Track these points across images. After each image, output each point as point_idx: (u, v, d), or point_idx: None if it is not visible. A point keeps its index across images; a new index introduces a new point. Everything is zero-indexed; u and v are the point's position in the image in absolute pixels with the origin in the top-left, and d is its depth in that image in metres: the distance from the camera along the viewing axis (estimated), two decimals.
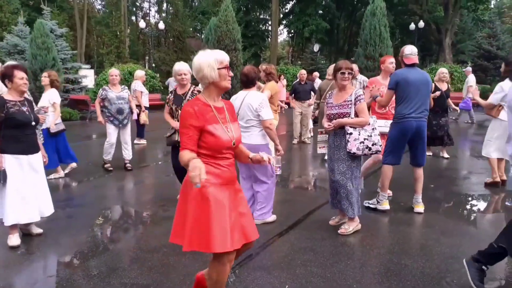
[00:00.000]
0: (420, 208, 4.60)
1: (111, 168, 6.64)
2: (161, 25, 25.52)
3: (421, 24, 25.06)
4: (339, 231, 3.97)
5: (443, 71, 7.36)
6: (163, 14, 36.39)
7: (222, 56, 2.32)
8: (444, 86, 7.21)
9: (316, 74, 15.31)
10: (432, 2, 26.78)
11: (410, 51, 4.45)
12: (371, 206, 4.70)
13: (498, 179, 5.61)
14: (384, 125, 4.78)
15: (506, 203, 5.11)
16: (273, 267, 3.25)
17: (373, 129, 3.91)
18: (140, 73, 9.21)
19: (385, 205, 4.65)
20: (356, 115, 3.85)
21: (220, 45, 14.20)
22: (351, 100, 3.84)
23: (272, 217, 4.28)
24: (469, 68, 14.20)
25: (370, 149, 3.86)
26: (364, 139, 3.83)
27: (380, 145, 3.94)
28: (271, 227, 4.13)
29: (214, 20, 15.63)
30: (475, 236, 3.96)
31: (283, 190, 5.74)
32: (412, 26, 25.01)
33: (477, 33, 29.98)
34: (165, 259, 3.42)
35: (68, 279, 3.12)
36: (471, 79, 13.00)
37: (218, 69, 2.28)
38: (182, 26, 26.81)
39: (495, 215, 4.75)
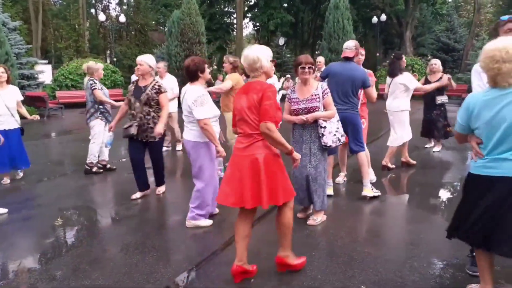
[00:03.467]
0: (367, 191, 4.74)
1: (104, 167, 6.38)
2: (122, 18, 24.81)
3: (383, 17, 25.64)
4: (308, 222, 4.01)
5: (433, 62, 7.17)
6: (124, 7, 35.40)
7: (271, 52, 2.93)
8: (435, 78, 6.98)
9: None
10: None
11: (346, 45, 4.68)
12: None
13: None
14: None
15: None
16: None
17: (337, 121, 3.97)
18: None
19: (329, 191, 4.75)
20: (324, 108, 3.87)
21: (184, 38, 14.00)
22: (318, 94, 3.85)
23: (206, 222, 4.03)
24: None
25: (340, 140, 3.94)
26: (335, 131, 3.90)
27: (344, 136, 4.03)
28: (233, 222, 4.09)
29: (177, 13, 15.36)
30: (435, 222, 4.09)
31: None
32: (375, 19, 25.52)
33: (436, 26, 31.02)
34: (128, 258, 3.33)
35: (26, 283, 2.97)
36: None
37: (270, 61, 2.89)
38: (144, 19, 26.16)
39: (455, 202, 4.93)
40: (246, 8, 34.93)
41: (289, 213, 2.95)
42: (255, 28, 38.95)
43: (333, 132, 3.86)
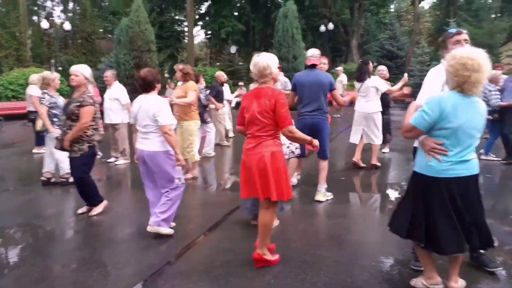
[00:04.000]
0: (320, 197, 4.87)
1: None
2: (67, 26, 23.84)
3: (331, 26, 26.45)
4: None
5: (380, 68, 7.43)
6: (70, 14, 34.07)
7: (277, 59, 3.22)
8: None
9: (341, 69, 15.47)
10: (339, 5, 28.42)
11: (311, 53, 4.81)
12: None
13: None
14: None
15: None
16: (192, 272, 3.18)
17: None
18: (35, 77, 8.44)
19: None
20: None
21: (133, 46, 13.71)
22: None
23: (168, 230, 3.91)
24: (340, 68, 15.65)
25: (293, 152, 3.98)
26: (290, 143, 3.91)
27: (297, 148, 4.09)
28: (190, 231, 4.05)
29: (126, 21, 15.02)
30: (383, 222, 4.25)
31: (204, 193, 5.69)
32: (322, 28, 26.29)
33: (380, 34, 32.42)
34: (74, 275, 3.18)
35: None
36: (344, 78, 14.57)
37: (278, 68, 3.20)
38: (91, 27, 25.28)
39: None
40: (197, 16, 34.81)
41: (272, 213, 3.23)
42: (207, 36, 38.85)
43: (286, 144, 3.88)
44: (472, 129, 2.48)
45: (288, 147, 3.92)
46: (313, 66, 4.76)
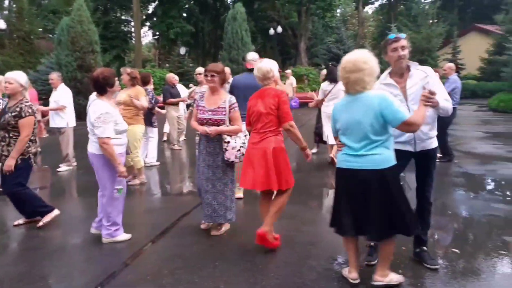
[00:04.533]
0: (239, 194, 4.98)
1: None
2: (3, 25, 22.34)
3: (279, 29, 26.90)
4: (212, 233, 3.96)
5: (324, 72, 7.58)
6: (5, 12, 31.96)
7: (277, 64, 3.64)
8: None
9: (290, 72, 15.60)
10: (287, 8, 28.93)
11: (251, 57, 4.86)
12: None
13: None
14: None
15: None
16: (138, 282, 3.07)
17: (245, 136, 3.96)
18: None
19: (239, 194, 5.00)
20: (230, 122, 3.86)
21: (75, 47, 13.10)
22: (225, 107, 3.82)
23: (124, 236, 3.86)
24: (289, 71, 16.13)
25: (243, 155, 3.94)
26: (240, 146, 3.87)
27: None
28: (137, 239, 3.91)
29: (67, 20, 14.33)
30: (324, 222, 4.34)
31: (152, 199, 5.54)
32: (271, 31, 26.65)
33: (327, 38, 33.38)
34: None
35: None
36: (293, 80, 15.08)
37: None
38: (29, 26, 23.85)
39: None
40: (144, 17, 33.99)
41: (286, 197, 3.60)
42: (155, 37, 38.05)
43: (237, 147, 3.83)
44: (364, 125, 2.66)
45: (239, 150, 3.89)
46: (253, 69, 4.76)
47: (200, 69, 7.99)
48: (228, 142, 3.79)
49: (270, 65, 3.57)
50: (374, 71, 2.70)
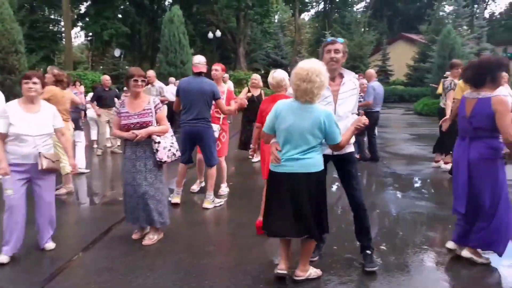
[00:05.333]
0: (207, 204, 4.85)
1: None
2: None
3: (218, 33, 26.83)
4: (143, 243, 3.80)
5: (253, 77, 7.48)
6: None
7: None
8: (256, 92, 7.28)
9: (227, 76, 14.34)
10: (226, 13, 28.99)
11: (198, 60, 4.78)
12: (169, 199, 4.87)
13: None
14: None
15: None
16: None
17: (172, 135, 3.93)
18: None
19: (176, 199, 4.92)
20: (157, 123, 3.80)
21: None
22: (150, 109, 3.75)
23: (50, 245, 3.71)
24: (227, 75, 16.33)
25: (175, 155, 3.89)
26: (170, 146, 3.84)
27: (178, 150, 4.00)
28: (63, 251, 3.65)
29: None
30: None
31: (80, 209, 5.22)
32: (210, 35, 26.52)
33: (266, 43, 33.96)
34: None
35: None
36: (231, 85, 15.35)
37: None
38: None
39: None
40: (75, 16, 32.28)
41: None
42: (88, 38, 36.28)
43: (167, 147, 3.80)
44: (306, 132, 2.77)
45: (169, 149, 3.81)
46: (200, 73, 4.71)
47: (151, 72, 7.84)
48: (159, 142, 3.74)
49: (283, 75, 4.12)
50: (324, 85, 2.78)
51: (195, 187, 5.61)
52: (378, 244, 3.75)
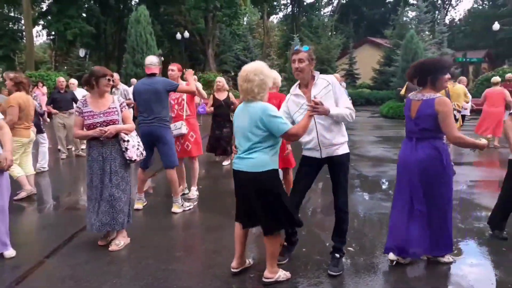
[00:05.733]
0: (176, 208, 4.78)
1: None
2: None
3: (186, 34, 26.61)
4: (109, 249, 3.70)
5: (218, 80, 7.34)
6: None
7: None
8: (223, 95, 7.16)
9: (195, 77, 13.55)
10: (194, 14, 28.75)
11: (149, 61, 4.72)
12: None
13: None
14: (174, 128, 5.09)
15: None
16: None
17: (136, 135, 3.90)
18: None
19: (138, 205, 4.87)
20: (123, 122, 3.76)
21: None
22: (116, 107, 3.71)
23: (10, 252, 3.57)
24: (195, 77, 16.21)
25: (142, 154, 3.89)
26: (138, 144, 3.82)
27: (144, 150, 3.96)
28: (24, 259, 3.50)
29: None
30: (229, 227, 4.34)
31: (41, 214, 5.01)
32: (178, 36, 26.25)
33: (235, 45, 33.95)
34: None
35: None
36: (199, 86, 15.16)
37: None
38: None
39: None
40: (36, 14, 31.09)
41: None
42: (50, 37, 35.04)
43: (136, 145, 3.77)
44: (246, 131, 2.89)
45: (138, 148, 3.76)
46: (152, 74, 4.64)
47: (115, 75, 7.69)
48: (128, 141, 3.71)
49: (275, 75, 4.25)
50: (264, 83, 2.88)
51: (192, 194, 5.49)
52: (347, 245, 3.80)
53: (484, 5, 43.50)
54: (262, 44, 37.53)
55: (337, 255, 3.28)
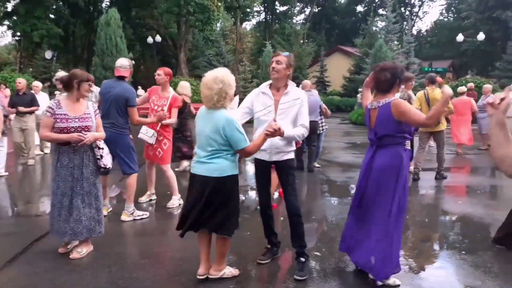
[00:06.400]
0: (124, 216, 4.62)
1: None
2: None
3: (158, 38, 26.33)
4: (71, 256, 3.57)
5: (182, 84, 7.20)
6: None
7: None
8: (185, 100, 7.00)
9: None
10: (166, 18, 28.49)
11: (120, 63, 4.64)
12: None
13: None
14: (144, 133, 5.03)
15: None
16: None
17: (103, 142, 3.79)
18: None
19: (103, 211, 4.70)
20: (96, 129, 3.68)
21: None
22: (90, 113, 3.61)
23: None
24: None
25: (112, 162, 3.84)
26: (109, 152, 3.77)
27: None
28: None
29: None
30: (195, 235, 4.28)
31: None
32: (150, 39, 25.95)
33: (208, 51, 33.83)
34: None
35: None
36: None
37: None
38: None
39: None
40: (1, 14, 30.02)
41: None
42: (16, 38, 33.88)
43: (109, 153, 3.74)
44: (208, 137, 2.93)
45: (110, 156, 3.71)
46: (121, 77, 4.54)
47: (61, 73, 7.35)
48: (103, 148, 3.66)
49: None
50: (225, 92, 2.90)
51: (143, 198, 5.38)
52: (313, 250, 3.83)
53: (449, 17, 45.30)
54: (235, 50, 37.57)
55: (302, 259, 3.30)
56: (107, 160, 3.65)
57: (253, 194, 5.96)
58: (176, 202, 5.23)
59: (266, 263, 3.45)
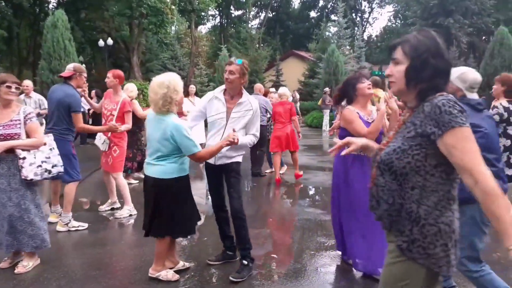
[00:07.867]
0: (59, 226, 4.44)
1: None
2: None
3: (110, 41, 25.52)
4: (15, 271, 3.36)
5: (129, 87, 6.95)
6: None
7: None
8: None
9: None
10: (118, 21, 27.67)
11: (67, 66, 4.51)
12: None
13: None
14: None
15: None
16: None
17: (51, 149, 3.55)
18: None
19: (51, 218, 4.68)
20: (27, 136, 3.37)
21: None
22: (19, 119, 3.34)
23: None
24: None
25: (50, 172, 3.47)
26: (42, 161, 3.40)
27: (62, 166, 3.63)
28: None
29: None
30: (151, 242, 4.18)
31: None
32: (101, 42, 25.10)
33: (162, 54, 33.23)
34: None
35: None
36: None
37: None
38: None
39: None
40: None
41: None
42: None
43: (37, 163, 3.37)
44: (156, 141, 3.01)
45: (40, 166, 3.36)
46: (65, 79, 4.39)
47: (28, 82, 7.48)
48: (24, 158, 3.30)
49: (284, 91, 7.12)
50: (170, 97, 2.94)
51: (104, 207, 5.21)
52: (269, 253, 3.85)
53: (396, 23, 47.36)
54: (190, 54, 37.20)
55: (245, 262, 3.30)
56: (28, 171, 3.30)
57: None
58: (125, 212, 5.00)
59: (216, 265, 3.49)
